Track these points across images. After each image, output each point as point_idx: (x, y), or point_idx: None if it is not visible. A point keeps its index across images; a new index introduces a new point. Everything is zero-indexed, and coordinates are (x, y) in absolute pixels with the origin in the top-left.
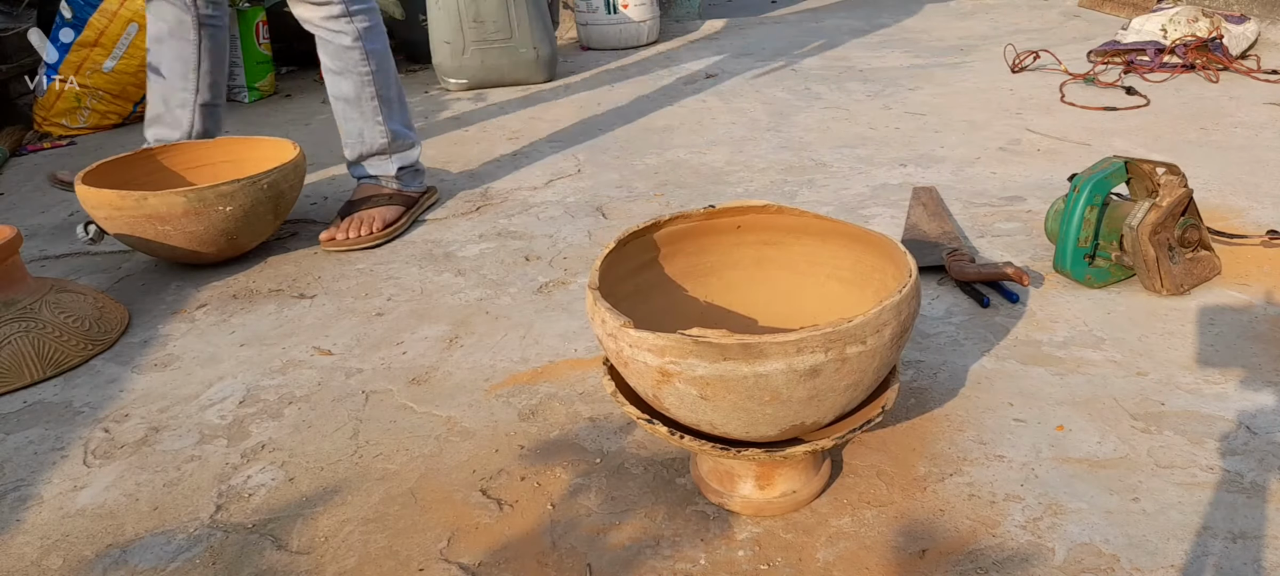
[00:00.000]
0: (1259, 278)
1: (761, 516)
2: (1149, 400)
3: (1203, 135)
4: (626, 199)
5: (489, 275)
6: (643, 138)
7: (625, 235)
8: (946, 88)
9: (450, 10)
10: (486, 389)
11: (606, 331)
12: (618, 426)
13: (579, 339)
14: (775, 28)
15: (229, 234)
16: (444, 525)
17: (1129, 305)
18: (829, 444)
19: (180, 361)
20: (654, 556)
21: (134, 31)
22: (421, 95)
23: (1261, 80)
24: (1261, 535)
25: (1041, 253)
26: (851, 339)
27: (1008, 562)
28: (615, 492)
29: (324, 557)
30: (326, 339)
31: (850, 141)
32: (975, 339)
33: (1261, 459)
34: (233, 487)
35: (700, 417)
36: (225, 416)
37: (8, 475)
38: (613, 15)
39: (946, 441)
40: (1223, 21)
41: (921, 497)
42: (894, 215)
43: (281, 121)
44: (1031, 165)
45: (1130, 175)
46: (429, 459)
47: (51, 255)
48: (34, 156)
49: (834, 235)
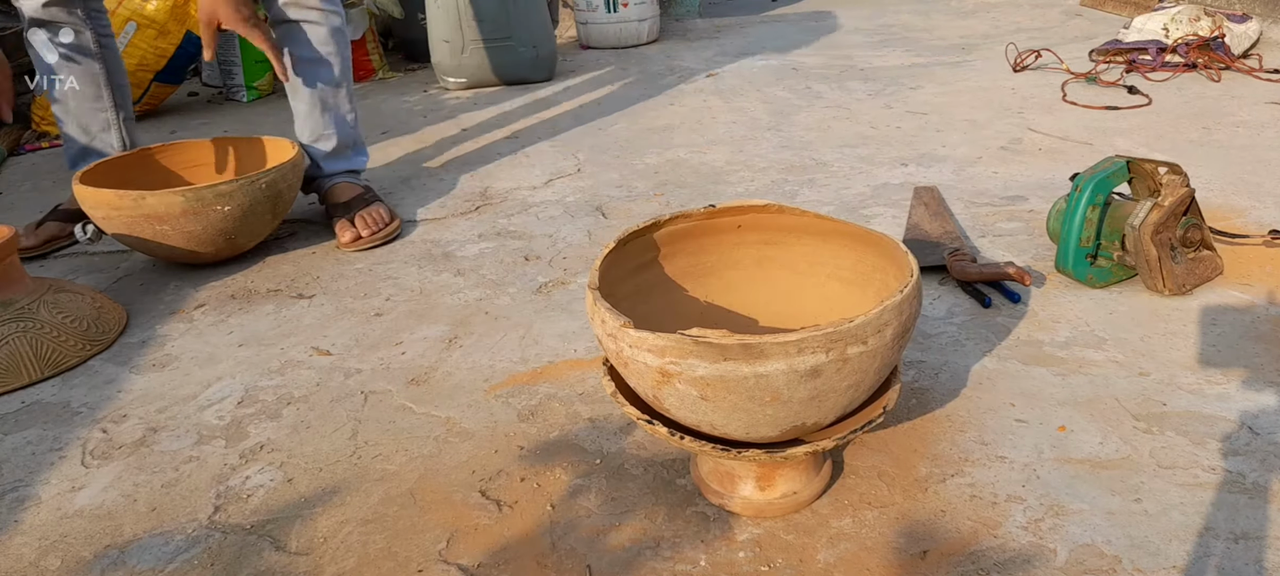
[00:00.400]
0: (1261, 277)
1: (762, 517)
2: (1151, 400)
3: (1205, 135)
4: (626, 198)
5: (488, 275)
6: (643, 137)
7: (625, 235)
8: (948, 87)
9: (449, 9)
10: (486, 389)
11: (606, 331)
12: (618, 427)
13: (579, 339)
14: (775, 27)
15: (227, 234)
16: (443, 526)
17: (1131, 305)
18: (830, 445)
19: (178, 362)
20: (654, 557)
21: (132, 30)
22: (420, 94)
23: (1263, 79)
24: (1264, 536)
25: (1043, 252)
26: (853, 339)
27: (1009, 563)
28: (615, 493)
29: (323, 558)
30: (325, 339)
31: (851, 141)
32: (977, 339)
33: (1264, 459)
34: (231, 488)
35: (700, 418)
36: (223, 417)
37: (6, 476)
38: (613, 14)
39: (948, 442)
40: (1224, 20)
41: (923, 498)
42: (895, 215)
43: (280, 121)
44: (1033, 164)
45: (1132, 175)
46: (428, 459)
47: (51, 255)
48: (32, 156)
49: (835, 235)
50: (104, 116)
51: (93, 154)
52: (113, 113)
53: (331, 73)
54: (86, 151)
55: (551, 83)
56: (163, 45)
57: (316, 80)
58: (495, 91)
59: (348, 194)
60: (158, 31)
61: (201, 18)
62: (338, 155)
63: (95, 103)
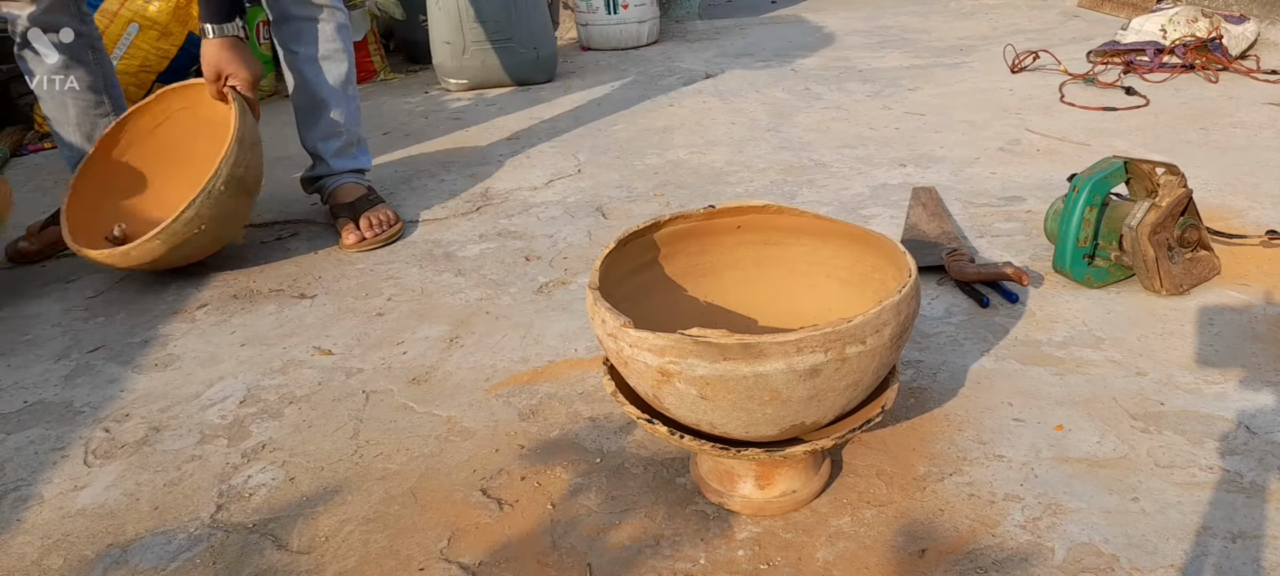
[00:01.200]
0: (1258, 278)
1: (761, 516)
2: (1148, 400)
3: (1202, 135)
4: (626, 199)
5: (489, 275)
6: (643, 138)
7: (625, 235)
8: (946, 88)
9: (450, 10)
10: (487, 389)
11: (606, 331)
12: (618, 426)
13: (579, 339)
14: (775, 28)
15: (215, 237)
16: (444, 525)
17: (1128, 305)
18: (829, 443)
19: (181, 361)
20: (654, 556)
21: (134, 31)
22: (422, 95)
23: (1261, 80)
24: (1261, 535)
25: (1041, 252)
26: (851, 339)
27: (1007, 562)
28: (615, 492)
29: (324, 557)
30: (327, 339)
31: (850, 141)
32: (975, 339)
33: (1261, 458)
34: (233, 487)
35: (700, 417)
36: (226, 416)
37: (8, 475)
38: (613, 16)
39: (946, 441)
40: (1222, 21)
41: (921, 497)
42: (894, 215)
43: (282, 121)
44: (1031, 165)
45: (1130, 175)
46: (429, 458)
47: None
48: (34, 157)
49: (834, 235)
50: (106, 121)
51: None
52: (113, 117)
53: (337, 70)
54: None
55: (552, 84)
56: (165, 47)
57: (322, 78)
58: (496, 92)
59: (353, 194)
60: (160, 33)
61: (208, 73)
62: (344, 154)
63: (96, 107)
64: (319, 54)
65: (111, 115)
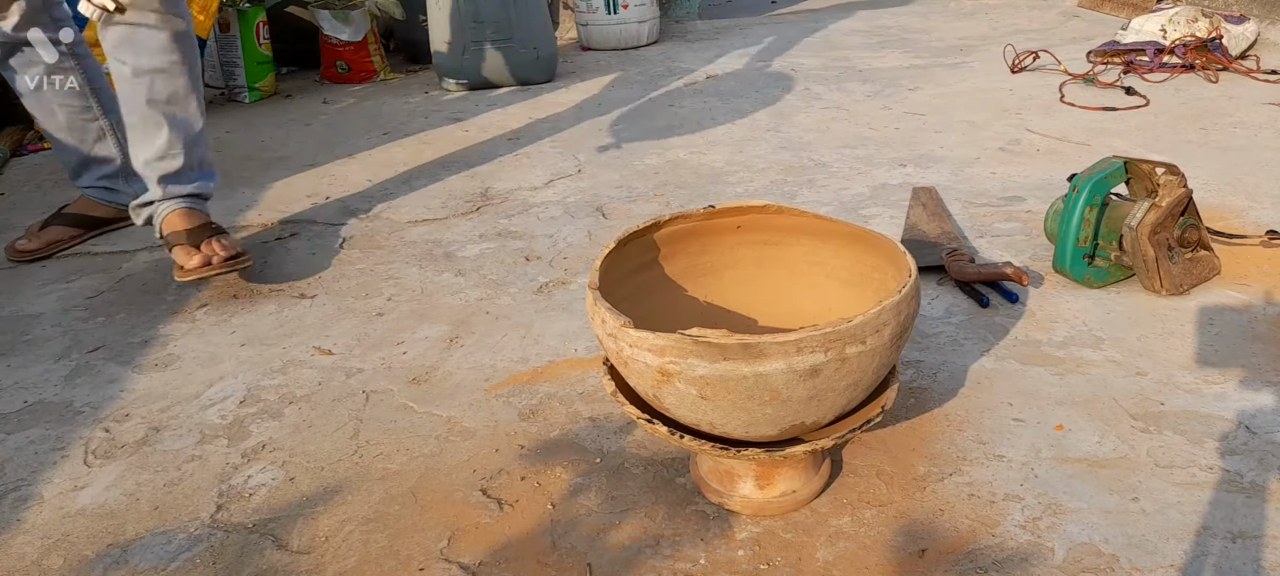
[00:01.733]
0: (1258, 278)
1: (761, 516)
2: (1148, 400)
3: (1202, 135)
4: (626, 199)
5: (489, 275)
6: (643, 138)
7: (625, 235)
8: (946, 88)
9: (450, 10)
10: (487, 389)
11: (606, 331)
12: (618, 426)
13: (579, 339)
14: (775, 28)
15: None
16: (444, 525)
17: (1128, 305)
18: (829, 443)
19: (181, 361)
20: (654, 556)
21: None
22: (422, 95)
23: (1261, 80)
24: (1261, 535)
25: (1041, 252)
26: (851, 339)
27: (1007, 562)
28: (615, 492)
29: (324, 557)
30: (327, 339)
31: (850, 141)
32: (975, 339)
33: (1261, 458)
34: (233, 487)
35: (700, 417)
36: (226, 416)
37: (8, 475)
38: (613, 16)
39: (946, 441)
40: (1222, 21)
41: (921, 497)
42: (894, 215)
43: (282, 121)
44: (1031, 165)
45: (1130, 175)
46: (429, 458)
47: (53, 256)
48: (34, 157)
49: (834, 235)
50: (97, 125)
51: (94, 163)
52: (104, 120)
53: (175, 84)
54: (87, 161)
55: (552, 84)
56: None
57: (155, 93)
58: (496, 93)
59: (192, 221)
60: None
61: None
62: (181, 177)
63: (83, 112)
64: (150, 67)
65: (100, 118)
